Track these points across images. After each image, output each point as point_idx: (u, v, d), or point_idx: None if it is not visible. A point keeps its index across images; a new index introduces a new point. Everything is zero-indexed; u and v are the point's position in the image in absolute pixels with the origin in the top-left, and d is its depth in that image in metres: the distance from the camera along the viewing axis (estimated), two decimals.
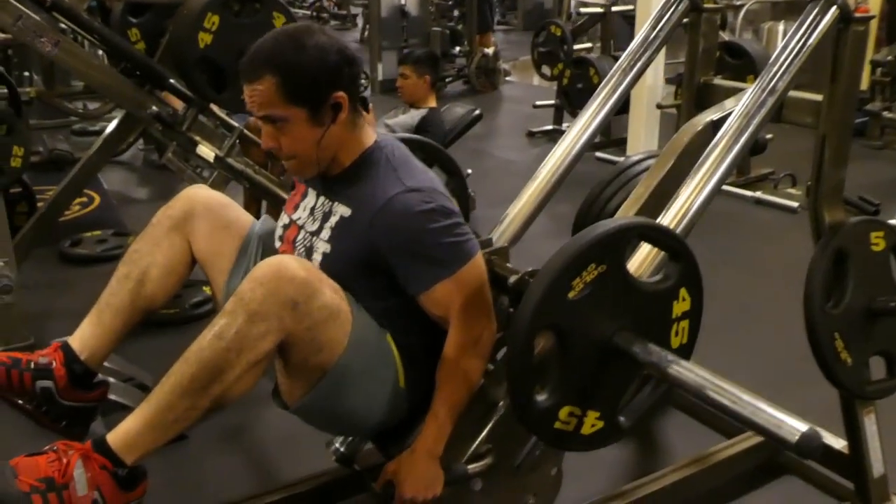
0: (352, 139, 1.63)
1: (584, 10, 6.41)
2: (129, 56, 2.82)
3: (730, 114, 1.80)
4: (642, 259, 1.60)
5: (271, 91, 1.53)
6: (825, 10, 1.79)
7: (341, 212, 1.64)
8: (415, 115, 4.04)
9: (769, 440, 1.28)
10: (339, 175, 1.66)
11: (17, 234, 3.02)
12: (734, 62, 4.55)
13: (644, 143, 4.92)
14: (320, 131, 1.58)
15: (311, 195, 1.73)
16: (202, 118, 2.90)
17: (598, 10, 6.10)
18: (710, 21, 2.17)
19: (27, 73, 5.14)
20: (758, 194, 4.69)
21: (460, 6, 8.53)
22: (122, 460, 1.46)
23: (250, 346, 1.45)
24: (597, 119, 1.99)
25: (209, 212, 1.77)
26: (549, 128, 6.13)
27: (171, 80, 2.81)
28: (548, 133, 6.09)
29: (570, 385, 1.41)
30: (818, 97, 1.91)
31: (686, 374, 1.35)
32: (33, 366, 1.65)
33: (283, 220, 1.78)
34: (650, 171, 1.92)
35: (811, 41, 1.79)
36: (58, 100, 4.88)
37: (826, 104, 1.87)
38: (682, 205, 1.68)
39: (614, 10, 6.00)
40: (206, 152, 2.85)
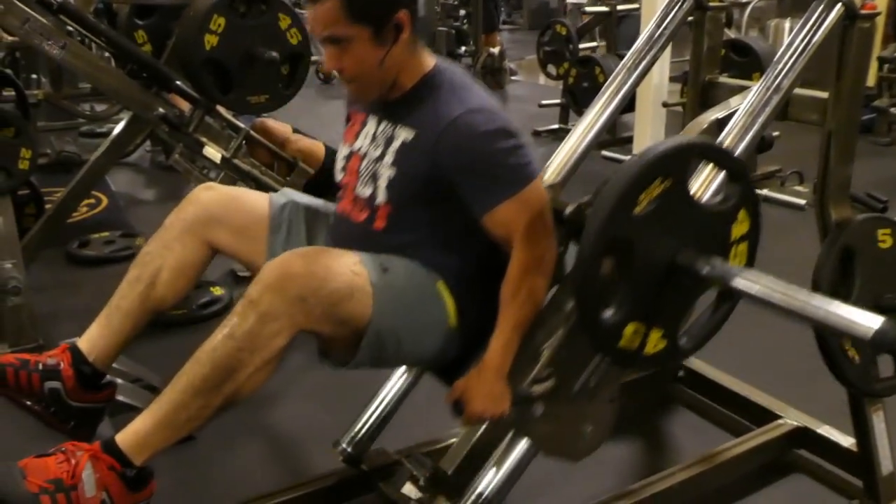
0: (413, 61, 1.65)
1: (589, 9, 6.40)
2: (136, 58, 2.83)
3: (735, 112, 1.80)
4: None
5: (335, 10, 1.53)
6: (830, 6, 1.78)
7: (404, 135, 1.64)
8: None
9: (845, 336, 1.31)
10: (400, 99, 1.67)
11: (26, 236, 3.03)
12: (740, 60, 4.52)
13: (650, 141, 4.89)
14: (383, 51, 1.58)
15: (371, 122, 1.74)
16: (209, 119, 2.91)
17: (603, 9, 6.10)
18: (715, 19, 2.17)
19: (35, 76, 5.15)
20: (765, 192, 4.66)
21: (466, 6, 8.51)
22: (130, 461, 1.47)
23: (263, 344, 1.46)
24: (602, 117, 1.99)
25: (225, 209, 1.77)
26: (555, 126, 6.11)
27: (178, 82, 2.82)
28: (554, 132, 6.07)
29: (635, 302, 1.43)
30: (824, 95, 1.90)
31: (753, 283, 1.38)
32: (41, 367, 1.66)
33: (343, 151, 1.79)
34: None
35: (816, 38, 1.79)
36: (65, 102, 4.90)
37: (832, 101, 1.87)
38: None
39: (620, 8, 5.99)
40: (213, 153, 2.85)
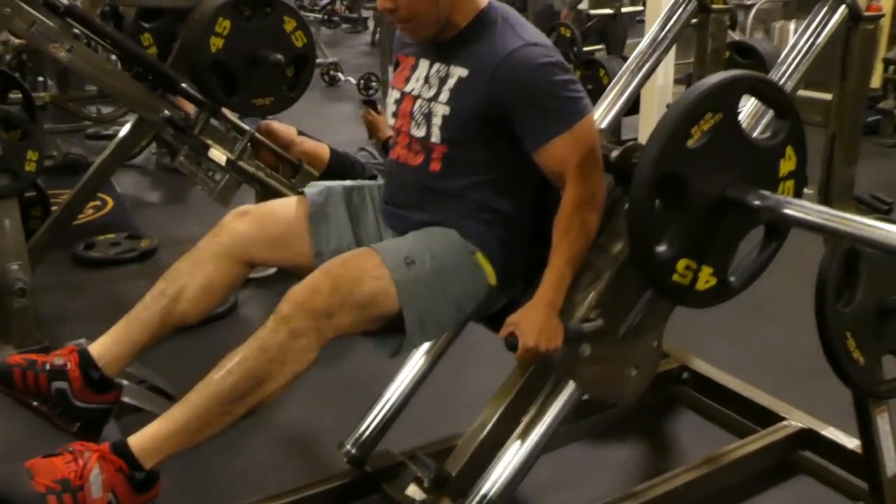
0: (466, 0, 1.67)
1: (593, 11, 6.40)
2: (142, 61, 2.84)
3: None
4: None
5: None
6: (834, 8, 1.79)
7: (459, 73, 1.67)
8: None
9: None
10: (454, 38, 1.69)
11: (32, 238, 3.04)
12: (744, 61, 4.53)
13: None
14: None
15: (423, 65, 1.76)
16: (214, 122, 2.92)
17: (608, 11, 6.10)
18: (719, 21, 2.17)
19: (41, 78, 5.16)
20: None
21: None
22: (140, 464, 1.48)
23: (294, 357, 1.50)
24: (606, 119, 1.99)
25: (260, 227, 1.77)
26: None
27: (183, 85, 2.83)
28: None
29: (687, 237, 1.44)
30: (828, 96, 1.90)
31: (804, 211, 1.40)
32: (48, 367, 1.67)
33: (394, 95, 1.81)
34: None
35: (820, 40, 1.80)
36: (71, 104, 4.91)
37: (836, 103, 1.88)
38: None
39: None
40: (218, 155, 2.87)
